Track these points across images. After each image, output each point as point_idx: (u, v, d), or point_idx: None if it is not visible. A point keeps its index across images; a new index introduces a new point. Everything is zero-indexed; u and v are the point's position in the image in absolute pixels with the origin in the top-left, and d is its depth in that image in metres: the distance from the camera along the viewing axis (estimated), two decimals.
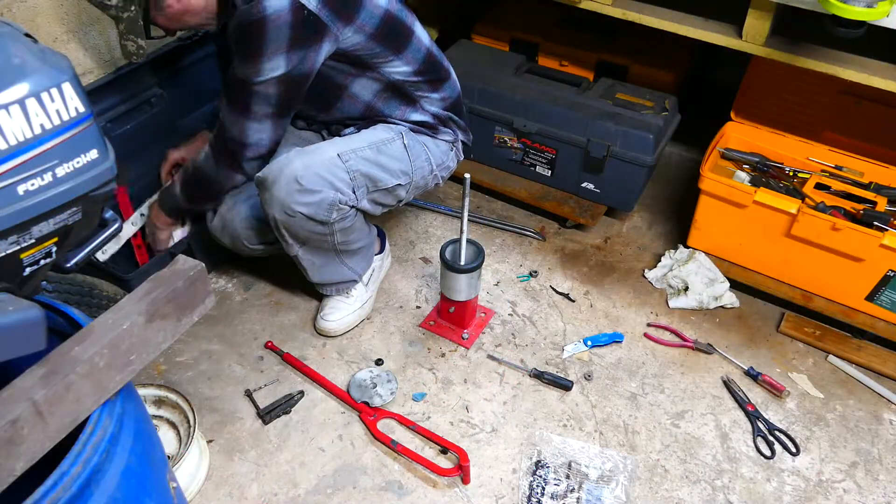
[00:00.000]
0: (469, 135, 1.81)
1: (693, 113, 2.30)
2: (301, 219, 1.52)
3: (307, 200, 1.49)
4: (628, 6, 1.92)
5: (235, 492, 1.49)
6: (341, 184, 1.52)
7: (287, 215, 1.52)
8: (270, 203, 1.52)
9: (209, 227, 1.76)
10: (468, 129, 1.80)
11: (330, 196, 1.51)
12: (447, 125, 1.73)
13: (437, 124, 1.71)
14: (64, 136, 0.80)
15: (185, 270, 0.93)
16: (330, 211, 1.53)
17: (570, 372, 1.77)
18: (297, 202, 1.49)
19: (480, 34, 2.52)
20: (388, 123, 1.66)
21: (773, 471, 1.58)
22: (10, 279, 0.84)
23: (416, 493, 1.50)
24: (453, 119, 1.74)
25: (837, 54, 1.70)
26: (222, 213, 1.71)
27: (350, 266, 1.76)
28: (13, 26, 0.80)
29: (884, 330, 1.82)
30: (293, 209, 1.50)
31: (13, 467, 0.73)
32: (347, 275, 1.78)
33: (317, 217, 1.53)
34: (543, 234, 2.20)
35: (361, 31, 1.48)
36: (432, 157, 1.70)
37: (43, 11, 1.68)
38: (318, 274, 1.74)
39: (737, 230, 1.93)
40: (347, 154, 1.54)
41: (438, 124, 1.71)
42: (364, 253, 1.79)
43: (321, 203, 1.51)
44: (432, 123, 1.70)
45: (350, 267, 1.76)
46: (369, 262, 1.84)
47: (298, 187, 1.48)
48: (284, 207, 1.50)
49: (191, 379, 1.71)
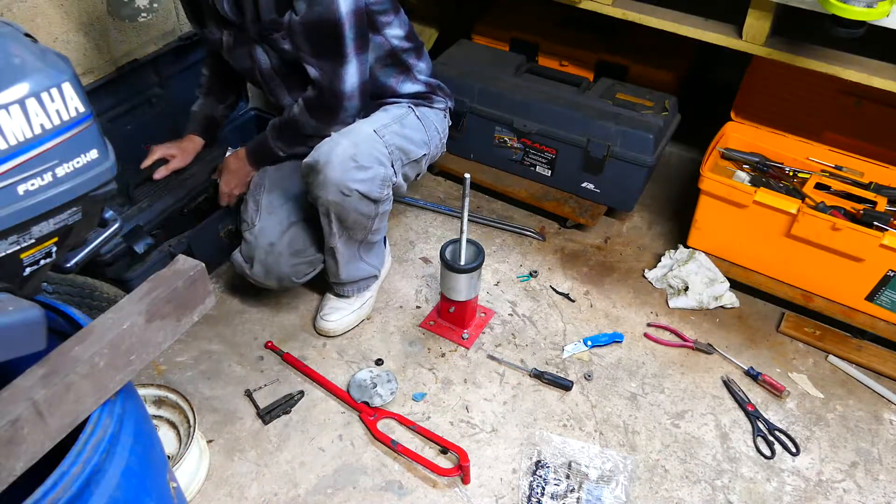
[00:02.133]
0: (453, 100, 1.86)
1: (693, 113, 2.30)
2: (356, 198, 1.53)
3: (362, 177, 1.51)
4: (628, 6, 1.92)
5: (235, 492, 1.49)
6: (385, 159, 1.56)
7: (343, 195, 1.52)
8: (324, 185, 1.51)
9: (251, 276, 1.74)
10: (451, 96, 1.85)
11: (381, 172, 1.55)
12: (437, 93, 1.78)
13: (430, 93, 1.76)
14: (64, 136, 0.80)
15: (185, 270, 0.93)
16: (382, 187, 1.56)
17: (570, 372, 1.77)
18: (353, 179, 1.50)
19: (480, 34, 2.52)
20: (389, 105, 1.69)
21: (773, 471, 1.58)
22: (10, 279, 0.84)
23: (416, 493, 1.50)
24: (440, 86, 1.80)
25: (837, 54, 1.70)
26: (262, 261, 1.69)
27: (368, 262, 1.79)
28: (13, 26, 0.80)
29: (884, 330, 1.82)
30: (350, 187, 1.51)
31: (13, 467, 0.73)
32: (368, 271, 1.81)
33: (371, 194, 1.55)
34: (543, 234, 2.20)
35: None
36: (437, 125, 1.76)
37: (43, 11, 1.69)
38: (346, 270, 1.75)
39: (737, 230, 1.93)
40: (381, 130, 1.58)
41: (431, 93, 1.76)
42: (378, 249, 1.83)
43: (374, 179, 1.54)
44: (425, 92, 1.75)
45: (368, 262, 1.79)
46: (382, 257, 1.89)
47: (355, 164, 1.50)
48: (341, 187, 1.51)
49: (191, 379, 1.71)
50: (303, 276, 1.76)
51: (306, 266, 1.74)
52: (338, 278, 1.77)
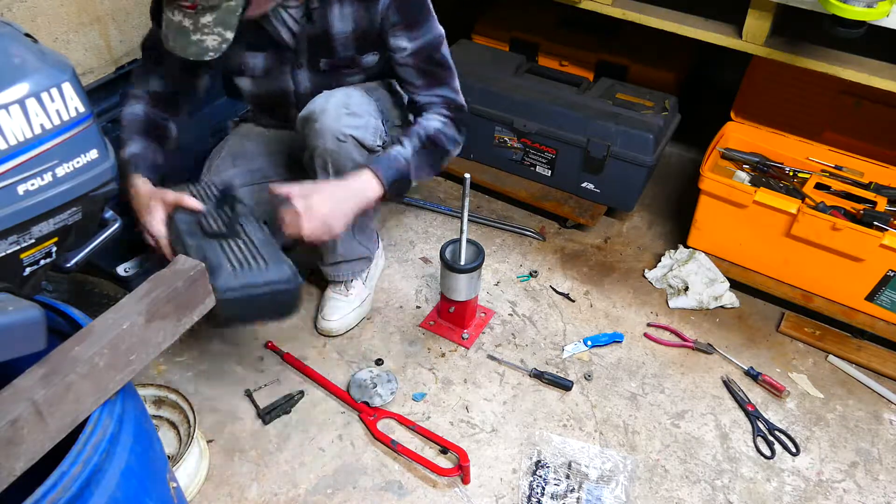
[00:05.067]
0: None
1: (693, 113, 2.30)
2: (351, 144, 1.54)
3: (356, 123, 1.53)
4: (628, 6, 1.92)
5: (235, 492, 1.49)
6: (375, 112, 1.59)
7: (339, 141, 1.53)
8: (321, 133, 1.53)
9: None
10: None
11: (373, 122, 1.57)
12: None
13: None
14: (64, 136, 0.80)
15: (185, 270, 0.93)
16: (375, 136, 1.58)
17: (570, 372, 1.77)
18: (347, 125, 1.52)
19: (480, 34, 2.52)
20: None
21: (773, 471, 1.58)
22: (10, 279, 0.84)
23: (416, 493, 1.50)
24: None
25: (837, 54, 1.70)
26: None
27: (361, 242, 1.80)
28: (13, 26, 0.80)
29: (884, 330, 1.82)
30: (345, 133, 1.52)
31: (13, 467, 0.73)
32: (361, 251, 1.81)
33: (365, 142, 1.56)
34: (543, 234, 2.20)
35: None
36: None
37: (43, 11, 1.69)
38: (342, 245, 1.75)
39: (737, 230, 1.93)
40: (370, 92, 1.62)
41: None
42: (370, 234, 1.84)
43: (367, 127, 1.55)
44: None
45: (361, 243, 1.80)
46: (374, 243, 1.90)
47: (347, 112, 1.52)
48: (336, 133, 1.52)
49: (191, 379, 1.71)
50: None
51: None
52: (334, 255, 1.77)
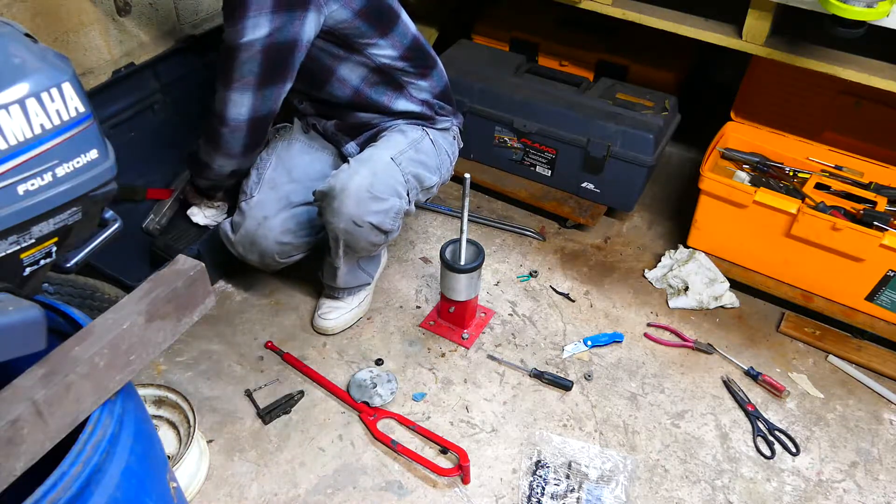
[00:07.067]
0: (461, 118, 1.83)
1: (693, 113, 2.30)
2: (367, 229, 1.51)
3: (377, 209, 1.49)
4: (628, 6, 1.92)
5: (235, 492, 1.49)
6: (401, 188, 1.54)
7: (356, 226, 1.50)
8: (338, 214, 1.48)
9: (234, 242, 1.68)
10: (458, 113, 1.82)
11: (396, 204, 1.53)
12: (439, 113, 1.73)
13: (431, 113, 1.71)
14: (64, 136, 0.80)
15: (185, 270, 0.93)
16: (395, 220, 1.55)
17: (570, 372, 1.77)
18: (368, 212, 1.48)
19: (480, 34, 2.52)
20: (404, 126, 1.66)
21: (773, 471, 1.58)
22: (10, 279, 0.84)
23: (416, 493, 1.50)
24: (443, 106, 1.74)
25: (837, 54, 1.70)
26: (250, 230, 1.63)
27: (366, 270, 1.80)
28: (13, 26, 0.80)
29: (884, 330, 1.82)
30: (363, 219, 1.48)
31: (13, 467, 0.73)
32: (364, 279, 1.81)
33: (383, 226, 1.52)
34: (543, 234, 2.19)
35: (348, 6, 1.47)
36: (447, 149, 1.73)
37: (43, 11, 1.68)
38: (343, 280, 1.75)
39: (737, 230, 1.93)
40: (399, 157, 1.56)
41: (432, 113, 1.71)
42: (377, 258, 1.86)
43: (389, 211, 1.52)
44: (422, 112, 1.69)
45: (365, 271, 1.80)
46: (379, 264, 1.91)
47: (369, 195, 1.47)
48: (354, 218, 1.48)
49: (191, 379, 1.71)
50: (286, 258, 1.70)
51: (293, 249, 1.69)
52: (334, 283, 1.77)
